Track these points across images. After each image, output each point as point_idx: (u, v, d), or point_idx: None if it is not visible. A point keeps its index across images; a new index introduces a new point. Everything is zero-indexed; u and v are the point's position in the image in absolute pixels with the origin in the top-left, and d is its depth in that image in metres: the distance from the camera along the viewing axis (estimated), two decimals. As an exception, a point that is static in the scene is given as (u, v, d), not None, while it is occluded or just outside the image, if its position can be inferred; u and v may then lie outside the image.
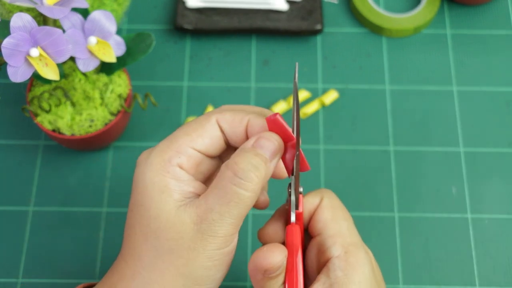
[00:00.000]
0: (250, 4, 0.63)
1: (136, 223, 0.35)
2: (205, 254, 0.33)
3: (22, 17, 0.42)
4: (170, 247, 0.33)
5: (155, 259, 0.34)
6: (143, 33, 0.51)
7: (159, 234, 0.33)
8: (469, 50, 0.64)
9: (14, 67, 0.43)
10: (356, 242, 0.36)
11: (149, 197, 0.34)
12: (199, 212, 0.33)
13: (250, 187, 0.33)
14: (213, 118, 0.36)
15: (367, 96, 0.61)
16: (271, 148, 0.34)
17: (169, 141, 0.35)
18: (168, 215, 0.33)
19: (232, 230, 0.33)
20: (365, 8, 0.65)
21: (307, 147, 0.59)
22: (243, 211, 0.33)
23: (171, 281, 0.33)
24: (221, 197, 0.33)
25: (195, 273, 0.33)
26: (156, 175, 0.34)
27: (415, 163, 0.58)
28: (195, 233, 0.33)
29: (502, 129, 0.60)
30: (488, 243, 0.55)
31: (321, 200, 0.38)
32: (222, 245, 0.33)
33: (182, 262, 0.33)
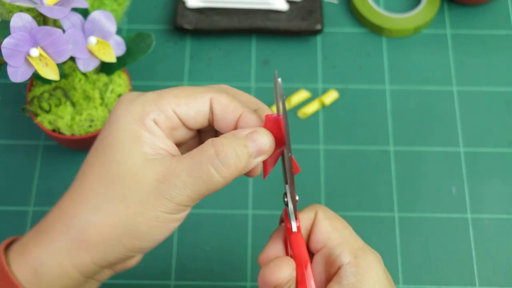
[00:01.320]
0: (250, 4, 0.63)
1: (96, 162, 0.34)
2: (154, 213, 0.33)
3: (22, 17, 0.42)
4: (123, 195, 0.33)
5: (102, 203, 0.33)
6: (143, 33, 0.51)
7: (116, 179, 0.33)
8: (469, 50, 0.64)
9: (14, 67, 0.43)
10: (363, 246, 0.36)
11: (118, 141, 0.33)
12: (165, 173, 0.33)
13: (224, 174, 0.33)
14: (209, 95, 0.35)
15: (367, 96, 0.61)
16: (261, 145, 0.34)
17: (157, 96, 0.35)
18: (132, 164, 0.33)
19: (188, 202, 0.33)
20: (365, 8, 0.65)
21: (307, 147, 0.59)
22: (207, 192, 0.33)
23: (110, 228, 0.33)
24: (193, 169, 0.32)
25: (137, 228, 0.33)
26: (131, 123, 0.34)
27: (415, 163, 0.58)
28: (152, 189, 0.32)
29: (502, 129, 0.60)
30: (488, 243, 0.55)
31: (316, 214, 0.37)
32: (173, 211, 0.33)
33: (128, 212, 0.33)
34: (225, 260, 0.54)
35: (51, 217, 0.34)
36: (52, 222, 0.34)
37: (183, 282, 0.53)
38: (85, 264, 0.33)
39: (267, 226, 0.55)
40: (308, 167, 0.58)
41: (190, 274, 0.54)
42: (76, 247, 0.33)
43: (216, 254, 0.54)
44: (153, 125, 0.34)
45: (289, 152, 0.35)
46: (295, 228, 0.36)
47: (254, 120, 0.35)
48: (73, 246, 0.33)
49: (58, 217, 0.34)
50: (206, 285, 0.53)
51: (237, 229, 0.55)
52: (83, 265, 0.33)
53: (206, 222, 0.56)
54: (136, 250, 0.34)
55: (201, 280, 0.53)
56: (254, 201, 0.57)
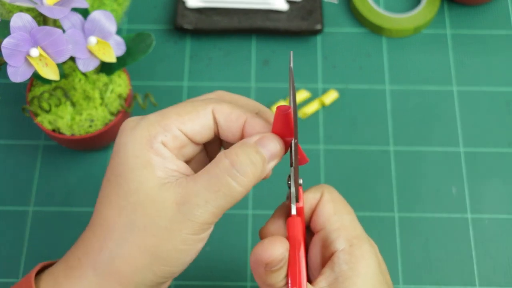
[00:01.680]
0: (250, 4, 0.63)
1: (112, 194, 0.33)
2: (180, 237, 0.32)
3: (22, 17, 0.42)
4: (146, 223, 0.32)
5: (126, 234, 0.33)
6: (143, 33, 0.51)
7: (136, 208, 0.32)
8: (469, 50, 0.64)
9: (14, 67, 0.43)
10: (360, 235, 0.36)
11: (130, 170, 0.33)
12: (183, 193, 0.32)
13: (243, 182, 0.32)
14: (210, 107, 0.35)
15: (367, 96, 0.61)
16: (272, 150, 0.34)
17: (159, 116, 0.34)
18: (149, 191, 0.32)
19: (212, 219, 0.33)
20: (365, 8, 0.65)
21: (307, 147, 0.59)
22: (229, 204, 0.33)
23: (138, 258, 0.32)
24: (211, 184, 0.32)
25: (165, 254, 0.33)
26: (139, 149, 0.33)
27: (415, 163, 0.58)
28: (174, 213, 0.32)
29: (502, 129, 0.60)
30: (488, 243, 0.55)
31: (322, 195, 0.37)
32: (198, 231, 0.33)
33: (154, 241, 0.32)
34: (225, 260, 0.54)
35: (77, 251, 0.34)
36: (79, 257, 0.34)
37: (183, 282, 0.53)
38: None
39: (267, 226, 0.55)
40: (308, 167, 0.58)
41: (190, 274, 0.54)
42: (106, 281, 0.33)
43: (216, 254, 0.54)
44: (161, 147, 0.33)
45: (296, 138, 0.35)
46: (294, 211, 0.36)
47: (260, 124, 0.35)
48: (104, 281, 0.33)
49: (85, 252, 0.34)
50: (206, 285, 0.53)
51: (237, 229, 0.55)
52: None
53: (206, 222, 0.56)
54: (167, 276, 0.34)
55: (201, 280, 0.53)
56: (254, 201, 0.57)
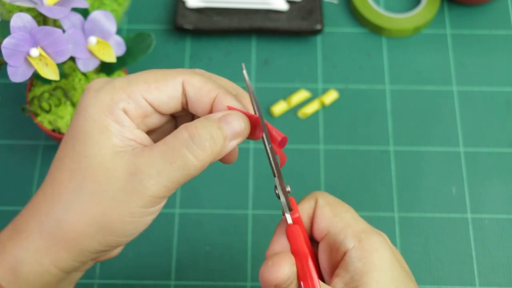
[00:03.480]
0: (250, 4, 0.63)
1: (66, 157, 0.33)
2: (128, 209, 0.31)
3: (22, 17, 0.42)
4: (94, 191, 0.31)
5: (74, 200, 0.32)
6: (143, 33, 0.51)
7: (87, 174, 0.31)
8: (469, 50, 0.64)
9: (14, 67, 0.43)
10: (366, 228, 0.35)
11: (86, 134, 0.32)
12: (136, 163, 0.31)
13: (200, 156, 0.31)
14: (180, 78, 0.34)
15: (367, 96, 0.61)
16: (236, 128, 0.33)
17: (126, 82, 0.33)
18: (102, 157, 0.31)
19: (164, 192, 0.32)
20: (365, 8, 0.65)
21: (307, 147, 0.59)
22: (183, 178, 0.32)
23: (84, 226, 0.32)
24: (167, 155, 0.31)
25: (111, 225, 0.32)
26: (98, 113, 0.32)
27: (415, 163, 0.58)
28: (124, 183, 0.31)
29: (502, 129, 0.60)
30: (488, 243, 0.55)
31: (316, 201, 0.36)
32: (147, 205, 0.32)
33: (100, 209, 0.31)
34: (225, 260, 0.54)
35: (26, 214, 0.33)
36: (27, 219, 0.33)
37: (183, 282, 0.53)
38: (64, 261, 0.33)
39: (267, 226, 0.55)
40: (308, 167, 0.58)
41: (190, 274, 0.54)
42: (53, 245, 0.32)
43: (216, 254, 0.54)
44: (122, 115, 0.32)
45: (269, 143, 0.33)
46: (290, 220, 0.35)
47: (231, 100, 0.33)
48: (50, 245, 0.32)
49: (33, 215, 0.33)
50: (206, 285, 0.53)
51: (237, 229, 0.55)
52: (62, 261, 0.33)
53: (206, 222, 0.56)
54: (113, 245, 0.33)
55: (201, 280, 0.53)
56: (254, 201, 0.57)
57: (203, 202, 0.57)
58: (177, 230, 0.55)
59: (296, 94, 0.61)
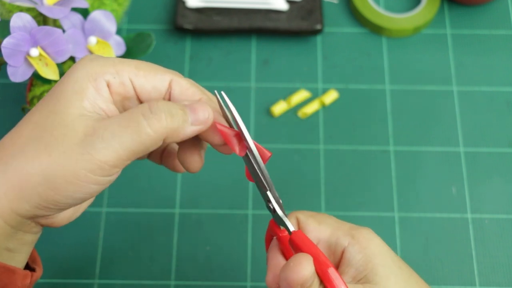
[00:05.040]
0: (250, 4, 0.63)
1: (37, 111, 0.34)
2: (74, 168, 0.32)
3: (22, 17, 0.42)
4: (49, 143, 0.32)
5: (28, 148, 0.32)
6: (143, 33, 0.51)
7: (47, 128, 0.32)
8: (469, 50, 0.64)
9: (14, 67, 0.43)
10: (353, 226, 0.37)
11: (63, 92, 0.33)
12: (95, 126, 0.32)
13: (155, 125, 0.32)
14: (169, 76, 0.35)
15: (367, 96, 0.61)
16: (199, 115, 0.34)
17: (120, 62, 0.34)
18: (67, 116, 0.32)
19: (115, 160, 0.32)
20: (365, 8, 0.65)
21: (307, 147, 0.59)
22: (135, 146, 0.32)
23: (28, 175, 0.32)
24: (122, 119, 0.32)
25: (53, 178, 0.32)
26: (82, 77, 0.33)
27: (415, 163, 0.58)
28: (78, 142, 0.32)
29: (502, 129, 0.60)
30: (488, 243, 0.55)
31: (297, 218, 0.38)
32: (95, 171, 0.32)
33: (49, 162, 0.32)
34: (225, 260, 0.54)
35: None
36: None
37: (183, 282, 0.53)
38: (4, 210, 0.32)
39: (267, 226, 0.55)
40: (308, 167, 0.58)
41: (190, 274, 0.54)
42: (10, 187, 0.32)
43: (216, 254, 0.54)
44: (103, 85, 0.34)
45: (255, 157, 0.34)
46: (293, 227, 0.36)
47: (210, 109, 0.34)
48: (8, 187, 0.32)
49: None
50: (206, 285, 0.53)
51: (237, 229, 0.55)
52: (3, 210, 0.32)
53: (206, 222, 0.56)
54: (51, 203, 0.33)
55: (201, 280, 0.53)
56: (254, 201, 0.57)
57: (203, 202, 0.57)
58: (177, 230, 0.55)
59: (296, 94, 0.61)
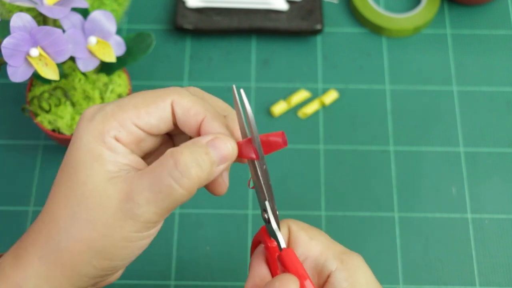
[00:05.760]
0: (250, 4, 0.63)
1: (62, 184, 0.33)
2: (122, 234, 0.32)
3: (22, 17, 0.42)
4: (89, 217, 0.32)
5: (70, 226, 0.32)
6: (143, 33, 0.51)
7: (81, 201, 0.32)
8: (469, 50, 0.64)
9: (14, 67, 0.43)
10: (345, 250, 0.36)
11: (81, 161, 0.33)
12: (127, 190, 0.31)
13: (186, 185, 0.31)
14: (169, 99, 0.34)
15: (367, 96, 0.61)
16: (224, 152, 0.33)
17: (116, 108, 0.33)
18: (96, 184, 0.32)
19: (156, 218, 0.32)
20: (365, 8, 0.65)
21: (307, 147, 0.59)
22: (172, 205, 0.32)
23: (80, 251, 0.32)
24: (153, 184, 0.31)
25: (105, 249, 0.32)
26: (92, 142, 0.33)
27: (415, 163, 0.58)
28: (116, 210, 0.31)
29: (502, 129, 0.60)
30: (488, 243, 0.55)
31: (289, 228, 0.37)
32: (142, 230, 0.32)
33: (96, 236, 0.32)
34: (225, 260, 0.54)
35: (25, 241, 0.34)
36: (27, 246, 0.34)
37: (183, 282, 0.53)
38: (63, 286, 0.33)
39: (267, 226, 0.55)
40: (308, 167, 0.58)
41: (190, 274, 0.54)
42: (51, 271, 0.33)
43: (216, 254, 0.54)
44: (113, 142, 0.33)
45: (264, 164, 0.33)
46: (284, 243, 0.35)
47: (216, 127, 0.33)
48: (49, 271, 0.33)
49: (32, 241, 0.33)
50: (206, 285, 0.53)
51: (237, 229, 0.55)
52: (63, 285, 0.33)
53: (206, 222, 0.56)
54: (109, 270, 0.33)
55: (201, 280, 0.53)
56: (254, 201, 0.57)
57: (203, 202, 0.57)
58: (177, 230, 0.55)
59: (296, 94, 0.61)
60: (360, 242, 0.55)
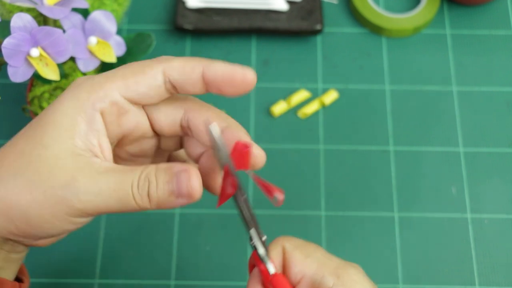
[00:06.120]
0: (250, 4, 0.63)
1: (24, 136, 0.32)
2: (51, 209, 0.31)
3: (22, 17, 0.42)
4: (31, 178, 0.31)
5: (10, 178, 0.31)
6: (143, 33, 0.51)
7: (33, 161, 0.31)
8: (469, 50, 0.64)
9: (14, 67, 0.43)
10: (341, 263, 0.35)
11: (53, 124, 0.32)
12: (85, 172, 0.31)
13: (139, 202, 0.32)
14: (159, 67, 0.33)
15: (367, 96, 0.61)
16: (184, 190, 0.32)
17: (105, 78, 0.33)
18: (57, 152, 0.31)
19: (93, 211, 0.31)
20: (365, 8, 0.65)
21: (307, 147, 0.59)
22: (117, 209, 0.32)
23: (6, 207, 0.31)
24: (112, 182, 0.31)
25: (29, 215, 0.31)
26: (71, 108, 0.32)
27: (415, 163, 0.58)
28: (62, 185, 0.30)
29: (502, 129, 0.60)
30: (488, 243, 0.55)
31: (283, 247, 0.36)
32: (74, 215, 0.31)
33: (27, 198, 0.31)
34: (225, 260, 0.54)
35: None
36: None
37: (183, 282, 0.53)
38: None
39: (266, 227, 0.55)
40: (308, 167, 0.58)
41: (190, 274, 0.54)
42: None
43: (216, 254, 0.55)
44: (95, 116, 0.32)
45: (243, 194, 0.33)
46: (273, 270, 0.35)
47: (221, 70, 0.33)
48: None
49: None
50: (206, 285, 0.53)
51: (237, 229, 0.55)
52: None
53: (206, 222, 0.56)
54: (29, 236, 0.33)
55: (201, 280, 0.53)
56: (254, 201, 0.57)
57: (203, 202, 0.56)
58: (177, 230, 0.55)
59: (296, 94, 0.61)
60: (360, 242, 0.55)
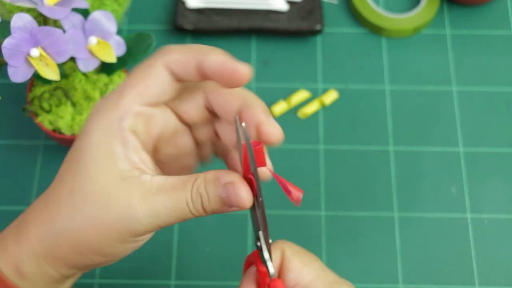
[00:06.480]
0: (250, 5, 0.64)
1: (69, 175, 0.33)
2: (120, 237, 0.32)
3: (22, 17, 0.42)
4: (92, 215, 0.32)
5: (71, 219, 0.32)
6: (143, 33, 0.51)
7: (88, 197, 0.32)
8: (469, 50, 0.64)
9: (14, 67, 0.43)
10: (336, 279, 0.35)
11: (91, 157, 0.32)
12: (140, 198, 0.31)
13: (197, 214, 0.33)
14: (159, 63, 0.33)
15: (367, 96, 0.61)
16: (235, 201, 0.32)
17: (117, 96, 0.33)
18: (106, 184, 0.31)
19: (155, 228, 0.33)
20: (365, 8, 0.65)
21: (307, 147, 0.59)
22: (176, 222, 0.33)
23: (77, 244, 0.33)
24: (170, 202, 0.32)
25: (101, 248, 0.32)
26: (102, 136, 0.32)
27: (415, 163, 0.58)
28: (122, 215, 0.31)
29: (502, 129, 0.60)
30: (488, 243, 0.55)
31: (283, 252, 0.36)
32: (137, 235, 0.33)
33: (94, 234, 0.32)
34: (225, 260, 0.54)
35: (28, 216, 0.34)
36: (28, 223, 0.34)
37: (183, 282, 0.53)
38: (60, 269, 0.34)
39: (267, 226, 0.55)
40: (308, 167, 0.58)
41: (190, 274, 0.54)
42: (48, 254, 0.33)
43: (216, 254, 0.55)
44: (127, 135, 0.32)
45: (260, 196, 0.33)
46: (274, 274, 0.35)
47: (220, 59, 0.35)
48: (46, 254, 0.33)
49: (33, 220, 0.34)
50: (206, 285, 0.53)
51: (237, 229, 0.56)
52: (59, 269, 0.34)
53: (206, 222, 0.56)
54: (102, 263, 0.34)
55: (201, 280, 0.54)
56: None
57: (203, 202, 0.57)
58: (177, 230, 0.55)
59: (296, 94, 0.61)
60: (360, 242, 0.55)
